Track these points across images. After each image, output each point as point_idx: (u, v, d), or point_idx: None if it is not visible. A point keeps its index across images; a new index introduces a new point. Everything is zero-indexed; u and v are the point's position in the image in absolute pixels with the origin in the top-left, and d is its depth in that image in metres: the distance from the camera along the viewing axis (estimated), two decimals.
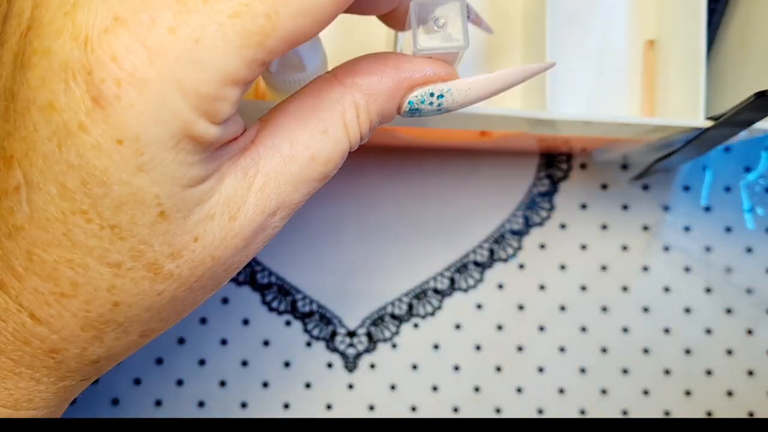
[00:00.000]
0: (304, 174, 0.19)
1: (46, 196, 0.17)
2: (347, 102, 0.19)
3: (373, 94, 0.19)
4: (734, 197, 0.37)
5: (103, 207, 0.16)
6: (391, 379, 0.36)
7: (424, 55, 0.20)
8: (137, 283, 0.18)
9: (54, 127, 0.16)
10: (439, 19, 0.22)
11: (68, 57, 0.15)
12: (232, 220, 0.18)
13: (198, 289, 0.19)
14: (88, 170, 0.16)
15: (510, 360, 0.36)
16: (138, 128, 0.16)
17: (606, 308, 0.37)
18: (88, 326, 0.18)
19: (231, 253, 0.19)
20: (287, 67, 0.25)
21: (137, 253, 0.17)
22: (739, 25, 0.33)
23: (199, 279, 0.19)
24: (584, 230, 0.37)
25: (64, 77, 0.16)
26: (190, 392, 0.36)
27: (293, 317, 0.36)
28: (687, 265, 0.37)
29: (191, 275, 0.18)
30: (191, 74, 0.16)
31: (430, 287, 0.37)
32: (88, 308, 0.18)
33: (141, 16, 0.15)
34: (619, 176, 0.37)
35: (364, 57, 0.20)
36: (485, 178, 0.37)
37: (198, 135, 0.16)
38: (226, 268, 0.19)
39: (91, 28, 0.15)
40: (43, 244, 0.17)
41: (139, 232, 0.17)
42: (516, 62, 0.33)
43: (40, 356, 0.19)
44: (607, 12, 0.33)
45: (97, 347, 0.19)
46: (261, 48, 0.16)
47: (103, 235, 0.17)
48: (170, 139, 0.16)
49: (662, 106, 0.32)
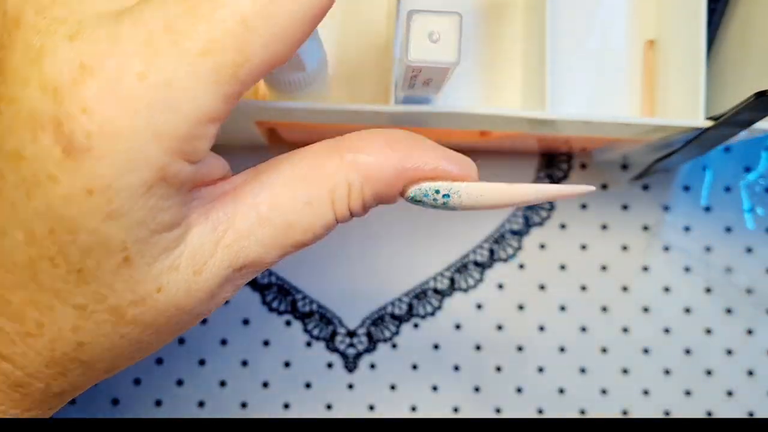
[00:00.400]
0: (278, 239, 0.18)
1: (12, 241, 0.16)
2: (340, 179, 0.18)
3: (371, 178, 0.18)
4: (734, 197, 0.37)
5: (69, 252, 0.16)
6: (391, 379, 0.36)
7: (440, 147, 0.19)
8: (100, 325, 0.18)
9: (22, 175, 0.16)
10: (434, 32, 0.22)
11: (36, 107, 0.15)
12: (197, 274, 0.18)
13: (164, 332, 0.19)
14: (57, 219, 0.16)
15: (510, 360, 0.36)
16: (110, 178, 0.15)
17: (606, 308, 0.37)
18: (53, 364, 0.18)
19: (195, 303, 0.18)
20: (287, 68, 0.25)
21: (101, 297, 0.17)
22: (739, 25, 0.33)
23: (164, 325, 0.18)
24: (584, 230, 0.37)
25: (32, 127, 0.15)
26: (190, 392, 0.36)
27: (293, 317, 0.36)
28: (687, 265, 0.37)
29: (155, 322, 0.18)
30: (165, 119, 0.15)
31: (430, 287, 0.37)
32: (53, 347, 0.18)
33: (108, 62, 0.15)
34: (619, 176, 0.37)
35: (377, 133, 0.19)
36: (485, 178, 0.37)
37: (172, 175, 0.16)
38: (191, 317, 0.19)
39: (58, 78, 0.15)
40: (9, 285, 0.17)
41: (103, 276, 0.17)
42: (515, 63, 0.33)
43: (6, 390, 0.19)
44: (607, 12, 0.33)
45: (61, 382, 0.19)
46: (235, 81, 0.16)
47: (69, 278, 0.17)
48: (142, 185, 0.16)
49: (662, 106, 0.32)
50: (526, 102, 0.32)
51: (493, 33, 0.33)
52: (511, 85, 0.33)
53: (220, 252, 0.18)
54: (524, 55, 0.33)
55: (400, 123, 0.29)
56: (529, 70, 0.32)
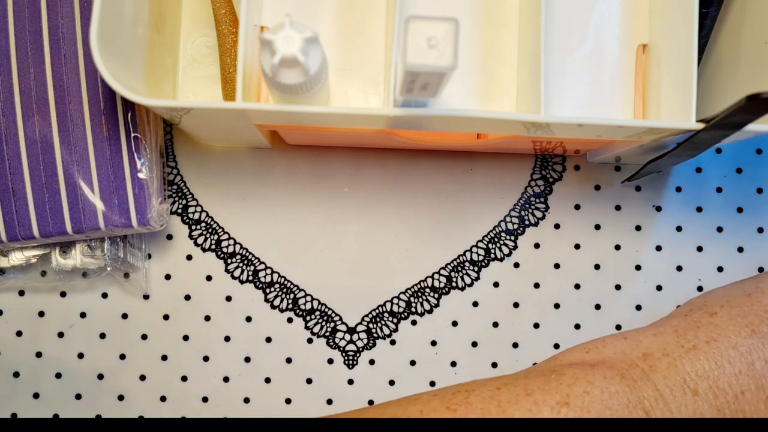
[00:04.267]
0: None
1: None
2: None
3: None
4: (726, 198, 0.38)
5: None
6: (390, 374, 0.37)
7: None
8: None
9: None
10: (432, 38, 0.22)
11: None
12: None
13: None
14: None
15: (506, 356, 0.37)
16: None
17: (599, 306, 0.37)
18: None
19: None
20: (288, 71, 0.26)
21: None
22: (731, 29, 0.33)
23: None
24: (578, 230, 0.37)
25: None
26: (194, 388, 0.37)
27: (295, 315, 0.37)
28: (679, 264, 0.37)
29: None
30: None
31: (428, 285, 0.37)
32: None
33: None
34: (613, 177, 0.38)
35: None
36: (481, 179, 0.37)
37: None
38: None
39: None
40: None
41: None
42: (511, 67, 0.33)
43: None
44: (600, 17, 0.33)
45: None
46: None
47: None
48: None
49: (655, 108, 0.32)
50: (521, 105, 0.32)
51: (489, 38, 0.33)
52: (506, 89, 0.33)
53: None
54: (520, 60, 0.33)
55: (398, 126, 0.30)
56: (525, 74, 0.32)
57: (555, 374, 0.29)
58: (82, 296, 0.37)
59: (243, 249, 0.37)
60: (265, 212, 0.37)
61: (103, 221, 0.33)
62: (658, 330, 0.32)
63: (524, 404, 0.28)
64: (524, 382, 0.29)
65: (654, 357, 0.30)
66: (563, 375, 0.29)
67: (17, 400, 0.36)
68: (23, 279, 0.36)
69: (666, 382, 0.28)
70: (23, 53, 0.33)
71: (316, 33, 0.25)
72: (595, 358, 0.31)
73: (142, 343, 0.37)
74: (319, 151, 0.37)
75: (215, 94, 0.35)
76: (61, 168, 0.33)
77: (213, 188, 0.37)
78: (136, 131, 0.33)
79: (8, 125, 0.33)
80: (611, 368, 0.29)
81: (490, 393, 0.29)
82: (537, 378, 0.29)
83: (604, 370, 0.29)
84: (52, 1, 0.32)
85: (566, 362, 0.31)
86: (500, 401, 0.28)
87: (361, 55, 0.33)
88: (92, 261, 0.35)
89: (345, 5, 0.33)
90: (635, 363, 0.30)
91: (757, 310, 0.30)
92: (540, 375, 0.30)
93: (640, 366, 0.29)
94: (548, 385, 0.28)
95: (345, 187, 0.37)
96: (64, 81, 0.33)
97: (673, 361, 0.29)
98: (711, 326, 0.30)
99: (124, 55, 0.29)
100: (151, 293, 0.37)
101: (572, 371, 0.29)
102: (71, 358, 0.37)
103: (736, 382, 0.28)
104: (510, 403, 0.28)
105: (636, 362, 0.30)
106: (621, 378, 0.29)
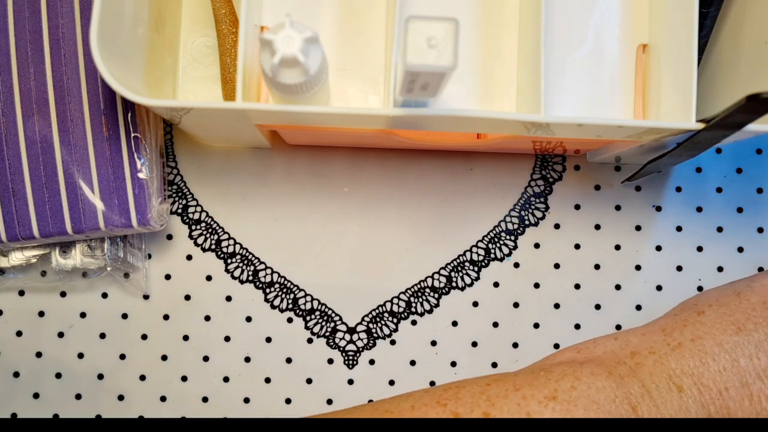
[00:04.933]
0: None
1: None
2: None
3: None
4: (726, 198, 0.38)
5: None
6: (390, 374, 0.37)
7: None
8: None
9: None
10: (432, 38, 0.22)
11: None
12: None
13: None
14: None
15: (506, 356, 0.37)
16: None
17: (599, 306, 0.37)
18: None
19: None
20: (288, 71, 0.26)
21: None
22: (731, 29, 0.33)
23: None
24: (578, 230, 0.37)
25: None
26: (194, 388, 0.37)
27: (295, 315, 0.37)
28: (679, 264, 0.37)
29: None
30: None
31: (428, 285, 0.37)
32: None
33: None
34: (613, 177, 0.38)
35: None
36: (481, 180, 0.37)
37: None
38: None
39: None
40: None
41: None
42: (511, 67, 0.33)
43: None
44: (600, 17, 0.33)
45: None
46: None
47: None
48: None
49: (655, 108, 0.32)
50: (521, 105, 0.32)
51: (489, 38, 0.33)
52: (506, 89, 0.33)
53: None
54: (520, 60, 0.33)
55: (398, 126, 0.30)
56: (525, 74, 0.32)
57: (544, 371, 0.30)
58: (82, 296, 0.37)
59: (243, 249, 0.37)
60: (265, 212, 0.37)
61: (103, 221, 0.33)
62: (647, 329, 0.32)
63: (513, 398, 0.28)
64: (513, 378, 0.30)
65: (641, 355, 0.30)
66: (552, 372, 0.30)
67: (17, 400, 0.36)
68: (23, 279, 0.36)
69: (652, 378, 0.29)
70: (23, 53, 0.33)
71: (316, 33, 0.25)
72: (585, 356, 0.32)
73: (142, 343, 0.37)
74: (319, 151, 0.37)
75: (215, 94, 0.35)
76: (61, 168, 0.33)
77: (213, 188, 0.37)
78: (136, 131, 0.33)
79: (8, 125, 0.33)
80: (599, 365, 0.30)
81: (480, 388, 0.29)
82: (526, 375, 0.30)
83: (592, 367, 0.30)
84: (52, 1, 0.32)
85: (557, 361, 0.32)
86: (489, 396, 0.29)
87: (361, 55, 0.33)
88: (92, 261, 0.35)
89: (345, 5, 0.33)
90: (623, 360, 0.30)
91: (745, 308, 0.31)
92: (529, 372, 0.30)
93: (628, 363, 0.30)
94: (537, 380, 0.29)
95: (345, 187, 0.37)
96: (64, 81, 0.33)
97: (659, 359, 0.30)
98: (697, 324, 0.31)
99: (124, 55, 0.29)
100: (151, 293, 0.37)
101: (561, 368, 0.30)
102: (71, 358, 0.37)
103: (720, 378, 0.29)
104: (499, 398, 0.28)
105: (624, 360, 0.30)
106: (608, 374, 0.29)
